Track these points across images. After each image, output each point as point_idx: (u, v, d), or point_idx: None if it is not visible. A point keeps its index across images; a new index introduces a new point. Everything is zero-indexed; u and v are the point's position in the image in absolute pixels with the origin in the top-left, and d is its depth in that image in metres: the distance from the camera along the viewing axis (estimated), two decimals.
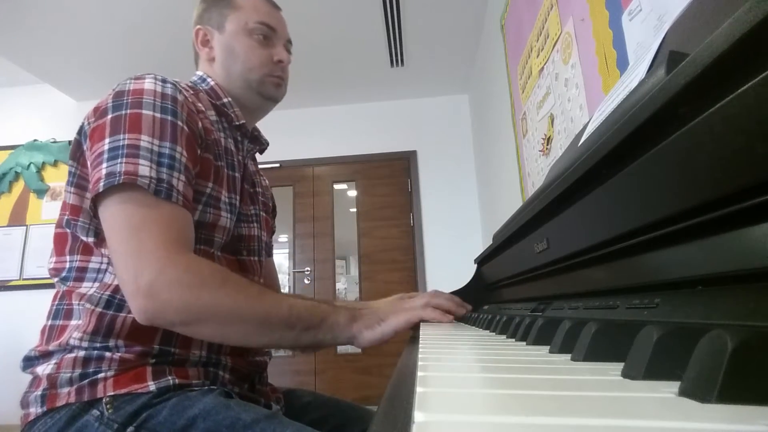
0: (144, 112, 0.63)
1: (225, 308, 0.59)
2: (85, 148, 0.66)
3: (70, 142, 3.43)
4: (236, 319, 0.60)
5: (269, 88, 0.83)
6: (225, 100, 0.80)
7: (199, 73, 0.83)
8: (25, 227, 3.40)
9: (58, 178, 3.48)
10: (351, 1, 2.59)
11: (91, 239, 0.66)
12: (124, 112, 0.62)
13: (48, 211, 3.42)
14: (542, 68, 1.76)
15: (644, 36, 1.01)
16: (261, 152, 0.91)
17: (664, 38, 0.50)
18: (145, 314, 0.57)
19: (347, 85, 3.49)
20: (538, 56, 1.81)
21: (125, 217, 0.58)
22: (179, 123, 0.65)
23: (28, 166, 3.47)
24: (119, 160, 0.59)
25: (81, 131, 0.67)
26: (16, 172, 3.48)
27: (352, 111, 3.74)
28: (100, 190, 0.58)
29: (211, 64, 0.83)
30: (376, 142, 3.64)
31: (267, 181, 0.96)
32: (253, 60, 0.81)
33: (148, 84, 0.66)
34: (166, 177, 0.61)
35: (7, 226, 3.41)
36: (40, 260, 3.31)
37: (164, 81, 0.68)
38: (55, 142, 3.53)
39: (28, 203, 3.45)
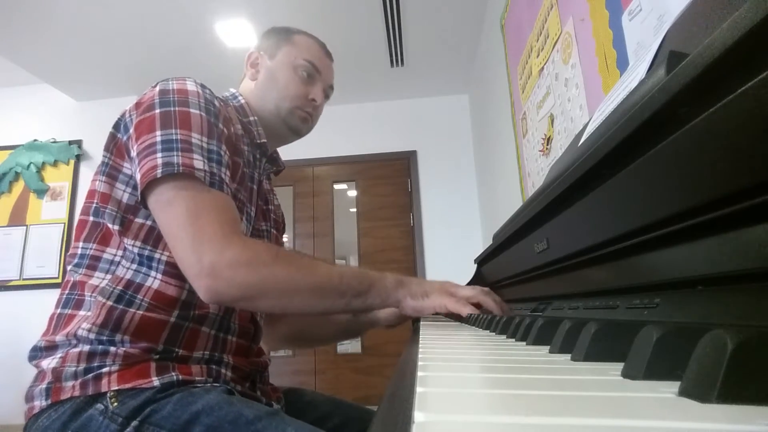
0: (192, 111, 0.67)
1: (282, 281, 0.63)
2: (123, 139, 0.69)
3: (70, 142, 3.48)
4: (293, 290, 0.64)
5: (295, 120, 0.87)
6: (251, 118, 0.85)
7: (232, 90, 0.88)
8: (25, 227, 3.39)
9: (58, 178, 3.47)
10: (351, 1, 2.59)
11: (116, 227, 0.68)
12: (172, 108, 0.66)
13: (48, 211, 3.41)
14: (542, 68, 1.76)
15: (644, 36, 1.01)
16: (276, 174, 0.95)
17: (664, 38, 0.50)
18: (209, 292, 0.60)
19: (347, 85, 3.48)
20: (538, 56, 1.81)
21: (184, 203, 0.62)
22: (220, 125, 0.70)
23: (28, 166, 3.47)
24: (175, 153, 0.62)
25: (118, 125, 0.70)
26: (16, 172, 3.48)
27: (352, 111, 3.74)
28: (158, 176, 0.61)
29: (251, 83, 0.88)
30: (376, 142, 3.64)
31: (279, 201, 0.99)
32: (289, 90, 0.86)
33: (190, 85, 0.70)
34: (216, 171, 0.66)
35: (7, 226, 3.41)
36: (40, 260, 3.31)
37: (203, 86, 0.72)
38: (55, 142, 3.53)
39: (28, 203, 3.44)
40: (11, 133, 3.59)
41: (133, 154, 0.66)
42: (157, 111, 0.65)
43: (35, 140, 3.53)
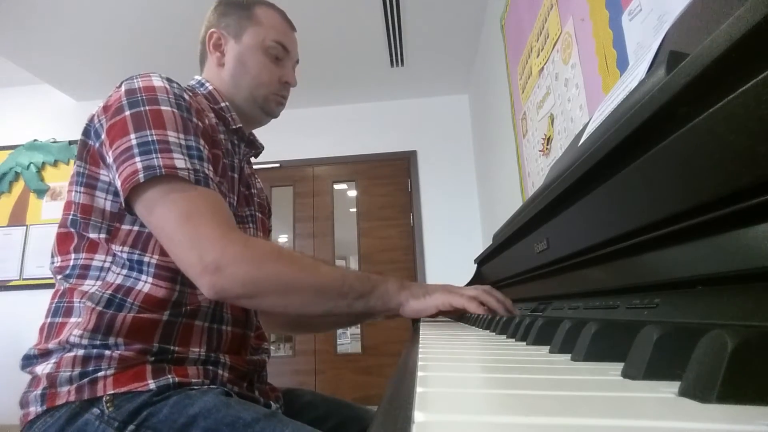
0: (163, 108, 0.65)
1: (285, 279, 0.63)
2: (96, 146, 0.67)
3: (70, 142, 3.48)
4: (295, 289, 0.64)
5: (271, 106, 0.86)
6: (222, 104, 0.82)
7: (198, 77, 0.85)
8: (25, 227, 3.40)
9: (58, 178, 3.47)
10: (351, 1, 2.59)
11: (103, 236, 0.67)
12: (142, 108, 0.64)
13: (48, 211, 3.41)
14: (542, 68, 1.76)
15: (644, 36, 1.01)
16: (256, 156, 0.92)
17: (664, 38, 0.50)
18: (213, 289, 0.60)
19: (347, 85, 3.48)
20: (538, 56, 1.81)
21: (174, 205, 0.61)
22: (194, 119, 0.68)
23: (28, 166, 3.47)
24: (154, 155, 0.61)
25: (88, 132, 0.68)
26: (16, 172, 3.48)
27: (352, 111, 3.74)
28: (141, 181, 0.59)
29: (219, 69, 0.84)
30: (376, 142, 3.64)
31: (261, 184, 0.97)
32: (263, 77, 0.83)
33: (156, 81, 0.68)
34: (199, 167, 0.64)
35: (7, 226, 3.41)
36: (40, 260, 3.31)
37: (169, 80, 0.70)
38: (55, 142, 3.53)
39: (28, 203, 3.44)
40: (11, 133, 3.59)
41: (110, 160, 0.64)
42: (127, 113, 0.63)
43: (35, 140, 3.53)
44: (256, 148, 0.90)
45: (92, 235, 0.67)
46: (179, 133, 0.64)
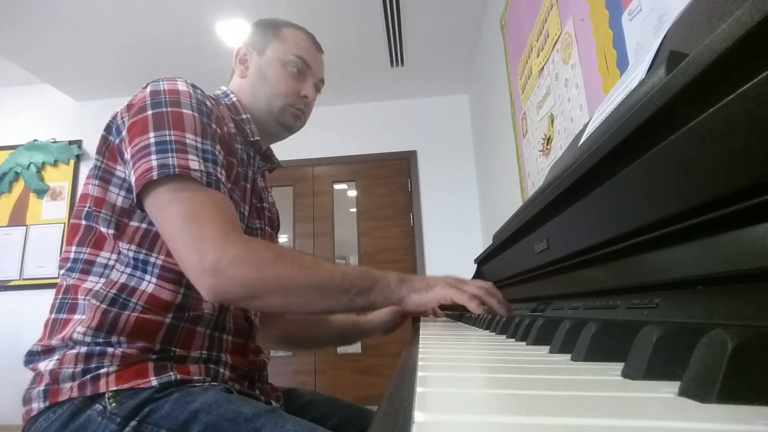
0: (184, 111, 0.67)
1: (284, 279, 0.63)
2: (116, 142, 0.68)
3: (70, 142, 3.49)
4: (295, 288, 0.63)
5: (288, 118, 0.88)
6: (244, 116, 0.84)
7: (223, 88, 0.87)
8: (25, 227, 3.39)
9: (58, 178, 3.47)
10: (351, 1, 2.59)
11: (111, 231, 0.68)
12: (165, 109, 0.66)
13: (48, 211, 3.41)
14: (542, 68, 1.76)
15: (644, 36, 1.01)
16: (271, 171, 0.94)
17: (664, 38, 0.50)
18: (212, 291, 0.60)
19: (347, 85, 3.48)
20: (538, 56, 1.81)
21: (182, 204, 0.62)
22: (213, 125, 0.70)
23: (28, 166, 3.47)
24: (170, 154, 0.62)
25: (110, 128, 0.70)
26: (16, 172, 3.48)
27: (352, 111, 3.74)
28: (154, 178, 0.60)
29: (242, 81, 0.88)
30: (376, 142, 3.64)
31: (273, 198, 0.98)
32: (280, 88, 0.85)
33: (181, 86, 0.70)
34: (213, 171, 0.65)
35: (7, 226, 3.41)
36: (40, 260, 3.31)
37: (194, 86, 0.72)
38: (55, 142, 3.52)
39: (28, 203, 3.44)
40: (11, 133, 3.58)
41: (127, 156, 0.65)
42: (150, 112, 0.65)
43: (35, 140, 3.53)
44: (272, 163, 0.92)
45: (102, 229, 0.68)
46: (197, 136, 0.66)
